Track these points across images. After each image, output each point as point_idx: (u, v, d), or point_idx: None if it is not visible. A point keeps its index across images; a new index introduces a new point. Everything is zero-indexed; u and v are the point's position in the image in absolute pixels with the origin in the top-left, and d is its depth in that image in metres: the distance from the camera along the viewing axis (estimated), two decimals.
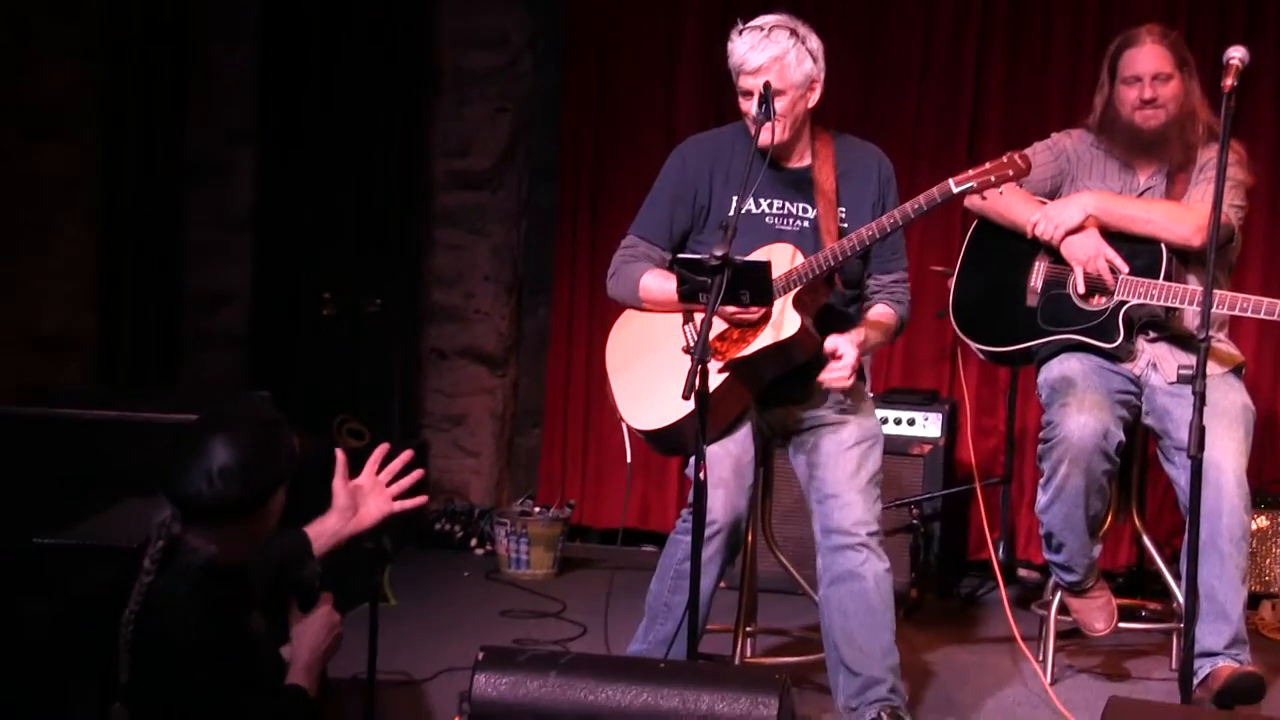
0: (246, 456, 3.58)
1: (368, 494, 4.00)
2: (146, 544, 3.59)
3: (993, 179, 4.82)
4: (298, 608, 3.77)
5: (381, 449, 4.06)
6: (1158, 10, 6.64)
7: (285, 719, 3.61)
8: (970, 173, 4.84)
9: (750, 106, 4.92)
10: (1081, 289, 5.36)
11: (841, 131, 5.19)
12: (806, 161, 5.09)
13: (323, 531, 3.97)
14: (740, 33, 4.96)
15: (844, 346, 4.92)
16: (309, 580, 3.79)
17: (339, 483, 3.99)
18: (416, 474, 4.08)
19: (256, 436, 3.64)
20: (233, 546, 3.63)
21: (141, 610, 3.56)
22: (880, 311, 5.12)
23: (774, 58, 4.90)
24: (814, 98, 5.00)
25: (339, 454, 4.00)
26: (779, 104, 4.89)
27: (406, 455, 4.05)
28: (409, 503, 4.03)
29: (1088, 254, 5.33)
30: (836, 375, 4.90)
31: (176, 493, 3.60)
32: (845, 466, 4.96)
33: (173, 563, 3.59)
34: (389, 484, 4.05)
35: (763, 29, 4.94)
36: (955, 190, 4.82)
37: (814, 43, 4.98)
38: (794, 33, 4.95)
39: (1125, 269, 5.29)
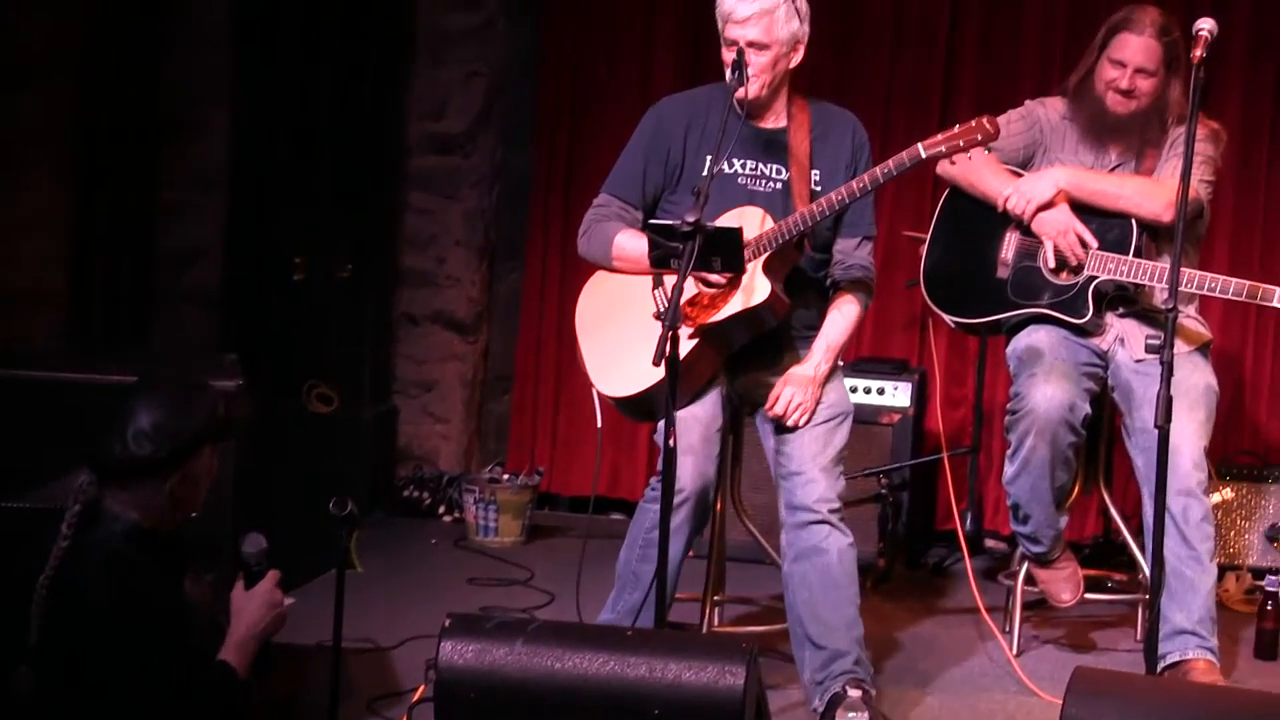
0: (160, 417, 3.60)
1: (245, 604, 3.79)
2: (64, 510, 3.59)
3: (961, 143, 4.81)
4: (243, 584, 3.75)
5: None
6: None
7: (203, 692, 3.58)
8: (939, 137, 4.83)
9: (733, 58, 4.89)
10: (1052, 263, 5.36)
11: (817, 98, 5.17)
12: (782, 123, 5.07)
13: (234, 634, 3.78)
14: None
15: (798, 394, 4.96)
16: (254, 556, 3.77)
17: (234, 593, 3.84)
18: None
19: (173, 398, 3.64)
20: (153, 510, 3.62)
21: (56, 574, 3.56)
22: (842, 313, 5.09)
23: (763, 10, 4.87)
24: (797, 58, 4.99)
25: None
26: (762, 58, 4.89)
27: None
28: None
29: (1058, 228, 5.33)
30: (787, 412, 4.97)
31: (92, 454, 3.60)
32: (811, 445, 4.96)
33: (93, 528, 3.59)
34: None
35: None
36: (924, 154, 4.82)
37: (803, 3, 4.96)
38: None
39: (1095, 244, 5.30)
